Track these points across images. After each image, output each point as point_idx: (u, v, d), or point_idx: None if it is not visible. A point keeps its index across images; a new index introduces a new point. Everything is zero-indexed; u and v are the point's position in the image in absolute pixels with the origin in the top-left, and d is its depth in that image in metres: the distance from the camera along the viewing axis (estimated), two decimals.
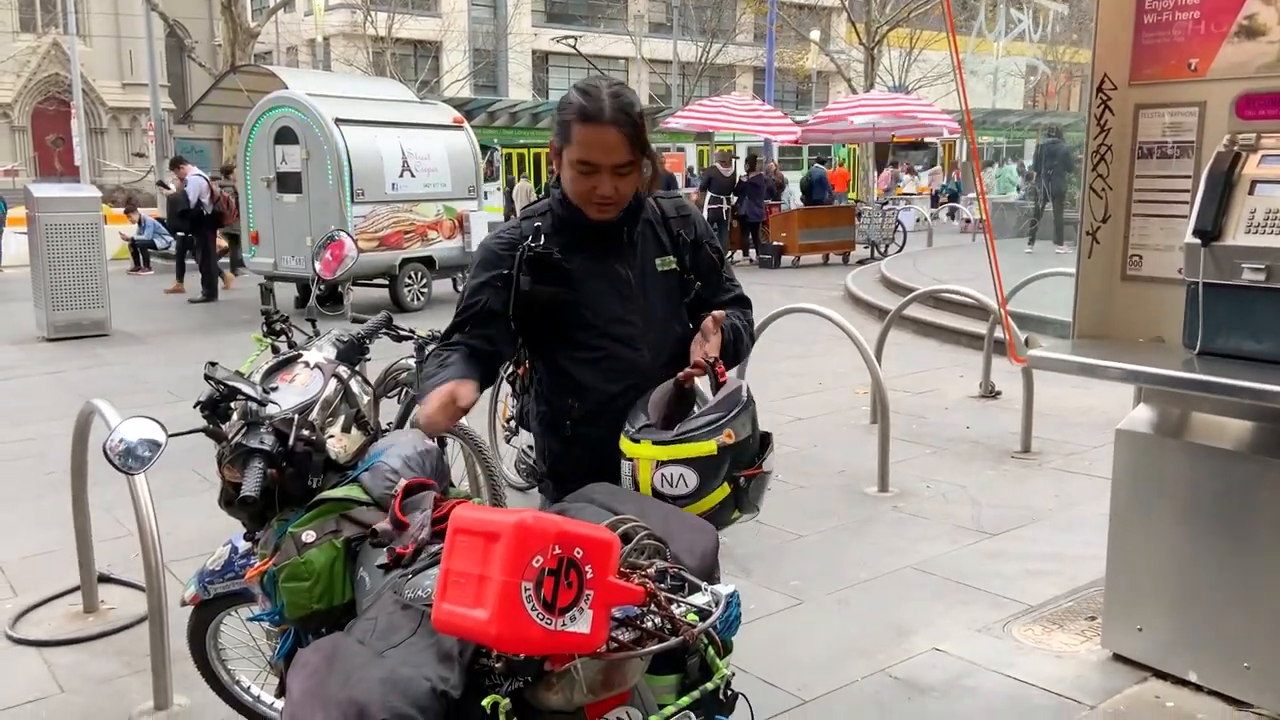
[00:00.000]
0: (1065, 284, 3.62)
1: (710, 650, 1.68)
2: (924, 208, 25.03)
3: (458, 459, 4.42)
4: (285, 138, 12.16)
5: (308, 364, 2.38)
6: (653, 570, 1.62)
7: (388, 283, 12.57)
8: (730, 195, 17.81)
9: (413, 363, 4.53)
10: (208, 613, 2.84)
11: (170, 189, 14.71)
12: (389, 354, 4.69)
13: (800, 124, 21.21)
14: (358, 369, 2.52)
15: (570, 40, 26.55)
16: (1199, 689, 3.17)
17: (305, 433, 2.19)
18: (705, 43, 38.19)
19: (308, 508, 2.15)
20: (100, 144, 37.76)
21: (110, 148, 38.49)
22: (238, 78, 15.58)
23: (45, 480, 5.56)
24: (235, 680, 3.04)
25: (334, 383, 2.33)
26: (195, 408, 2.26)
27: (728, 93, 28.13)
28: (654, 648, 1.54)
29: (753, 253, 17.96)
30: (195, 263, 14.00)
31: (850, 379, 7.76)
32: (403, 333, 3.91)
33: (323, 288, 3.11)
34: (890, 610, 3.91)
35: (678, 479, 2.04)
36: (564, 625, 1.42)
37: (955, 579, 4.18)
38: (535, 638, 1.41)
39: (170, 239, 16.68)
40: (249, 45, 18.53)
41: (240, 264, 15.05)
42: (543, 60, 42.55)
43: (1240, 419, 3.13)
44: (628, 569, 1.58)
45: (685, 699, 1.63)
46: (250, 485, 2.09)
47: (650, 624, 1.56)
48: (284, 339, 2.66)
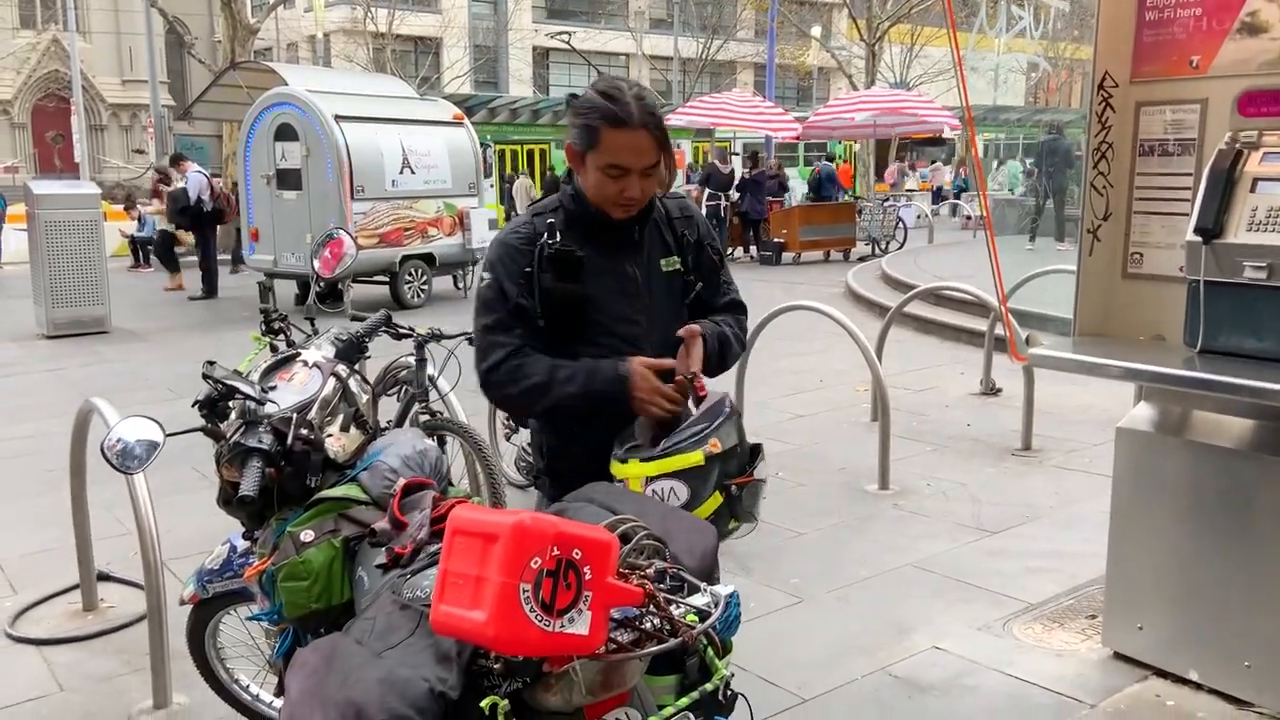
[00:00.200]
0: (1066, 281, 3.61)
1: (709, 651, 1.67)
2: (925, 204, 25.00)
3: (457, 457, 4.42)
4: (285, 134, 12.14)
5: (306, 363, 2.37)
6: (652, 571, 1.61)
7: (388, 280, 12.56)
8: (730, 192, 17.80)
9: (412, 361, 4.53)
10: (206, 611, 2.83)
11: (170, 186, 14.71)
12: (388, 352, 4.69)
13: (801, 120, 21.19)
14: (356, 367, 2.52)
15: (565, 36, 26.50)
16: (1200, 688, 3.17)
17: (304, 432, 2.19)
18: (706, 39, 38.14)
19: (306, 507, 2.15)
20: (100, 141, 37.73)
21: (110, 144, 38.47)
22: (238, 74, 15.53)
23: (45, 478, 5.55)
24: (234, 679, 3.04)
25: (333, 381, 2.33)
26: (193, 407, 2.26)
27: (729, 89, 28.11)
28: (653, 649, 1.53)
29: (754, 249, 17.95)
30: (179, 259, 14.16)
31: (851, 376, 7.75)
32: (402, 331, 3.91)
33: (322, 285, 3.10)
34: (890, 608, 3.90)
35: (668, 493, 2.04)
36: (562, 627, 1.42)
37: (955, 577, 4.18)
38: (533, 639, 1.40)
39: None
40: (249, 42, 18.47)
41: (240, 261, 15.12)
42: (543, 56, 42.53)
43: (1241, 417, 3.12)
44: (627, 569, 1.57)
45: (684, 700, 1.63)
46: (248, 484, 2.09)
47: (649, 625, 1.56)
48: (282, 337, 2.65)
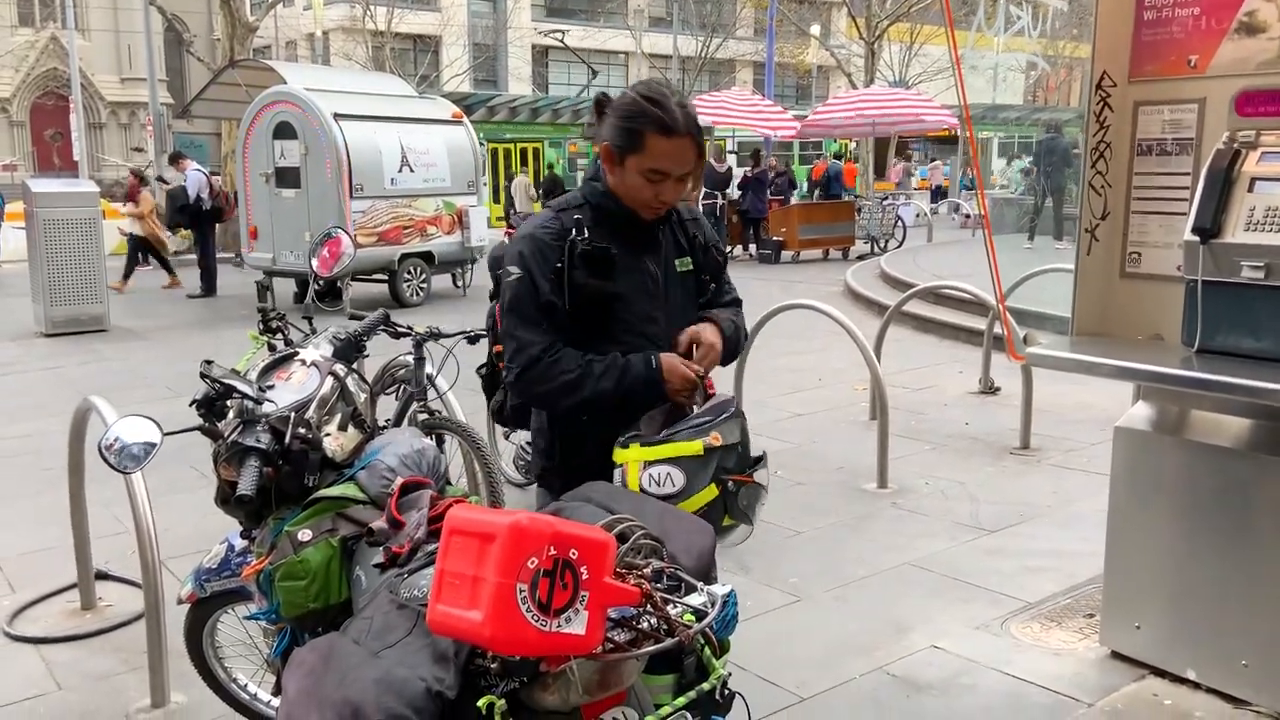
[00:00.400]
0: (1065, 280, 3.61)
1: (707, 650, 1.67)
2: (924, 203, 25.00)
3: (455, 456, 4.42)
4: (284, 133, 12.14)
5: (304, 362, 2.37)
6: (649, 570, 1.61)
7: (387, 278, 12.56)
8: (726, 190, 17.80)
9: (410, 359, 4.53)
10: (204, 610, 2.83)
11: (169, 183, 14.69)
12: (387, 351, 4.69)
13: (800, 119, 21.19)
14: (355, 366, 2.52)
15: (559, 34, 26.47)
16: (1197, 687, 3.17)
17: (301, 431, 2.19)
18: (705, 38, 38.11)
19: (304, 506, 2.16)
20: (99, 139, 37.67)
21: (109, 142, 38.41)
22: (236, 72, 15.52)
23: (43, 476, 5.55)
24: (232, 678, 3.04)
25: (330, 380, 2.33)
26: (191, 405, 2.26)
27: (728, 88, 28.09)
28: (650, 649, 1.53)
29: (753, 248, 17.94)
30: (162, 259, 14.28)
31: (849, 375, 7.75)
32: (400, 329, 3.91)
33: (320, 284, 3.10)
34: (889, 607, 3.91)
35: (664, 478, 2.09)
36: (559, 626, 1.42)
37: (954, 576, 4.18)
38: (530, 639, 1.40)
39: (168, 233, 16.64)
40: (247, 40, 18.42)
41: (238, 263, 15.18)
42: (542, 55, 42.47)
43: (1239, 416, 3.12)
44: (624, 569, 1.57)
45: (681, 699, 1.63)
46: (246, 483, 2.09)
47: (646, 624, 1.56)
48: (280, 336, 2.65)
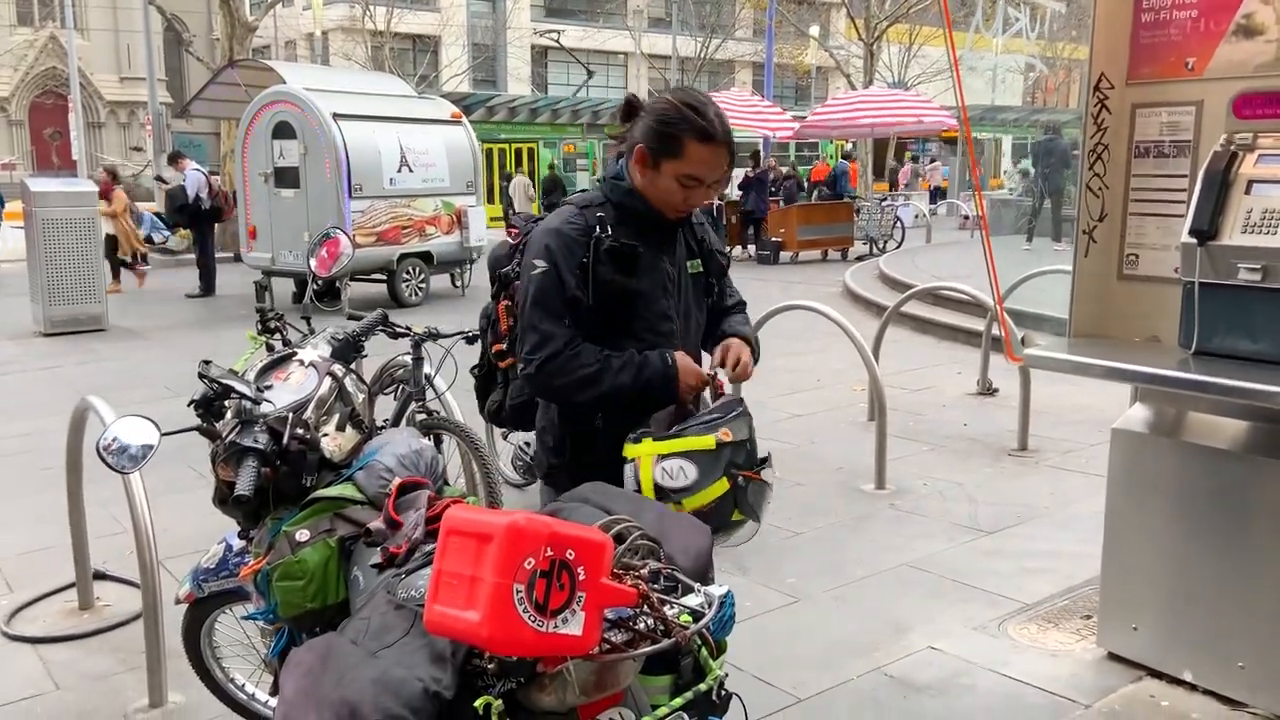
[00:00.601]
0: (1063, 281, 3.62)
1: (704, 651, 1.68)
2: (923, 204, 25.02)
3: (454, 456, 4.42)
4: (283, 132, 12.13)
5: (302, 362, 2.37)
6: (646, 571, 1.62)
7: (385, 278, 12.56)
8: (723, 190, 17.79)
9: (409, 360, 4.53)
10: (202, 610, 2.83)
11: (169, 183, 14.67)
12: (385, 351, 4.69)
13: (799, 120, 21.19)
14: (353, 367, 2.52)
15: (554, 34, 26.48)
16: (1194, 688, 3.18)
17: (299, 431, 2.19)
18: (704, 38, 38.11)
19: (302, 506, 2.16)
20: (98, 138, 37.67)
21: (108, 142, 38.40)
22: (236, 72, 15.52)
23: (41, 476, 5.54)
24: (230, 678, 3.03)
25: (329, 381, 2.33)
26: (189, 406, 2.26)
27: (727, 88, 28.08)
28: (646, 649, 1.53)
29: (752, 248, 17.94)
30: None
31: (848, 376, 7.76)
32: (399, 330, 3.91)
33: (319, 284, 3.11)
34: (887, 608, 3.91)
35: (678, 471, 2.12)
36: (556, 627, 1.42)
37: (952, 577, 4.19)
38: (527, 639, 1.41)
39: (167, 233, 16.64)
40: (247, 39, 18.40)
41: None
42: (542, 55, 42.45)
43: (1236, 419, 3.13)
44: (621, 570, 1.58)
45: (678, 700, 1.63)
46: (244, 484, 2.09)
47: (643, 625, 1.56)
48: (279, 336, 2.65)
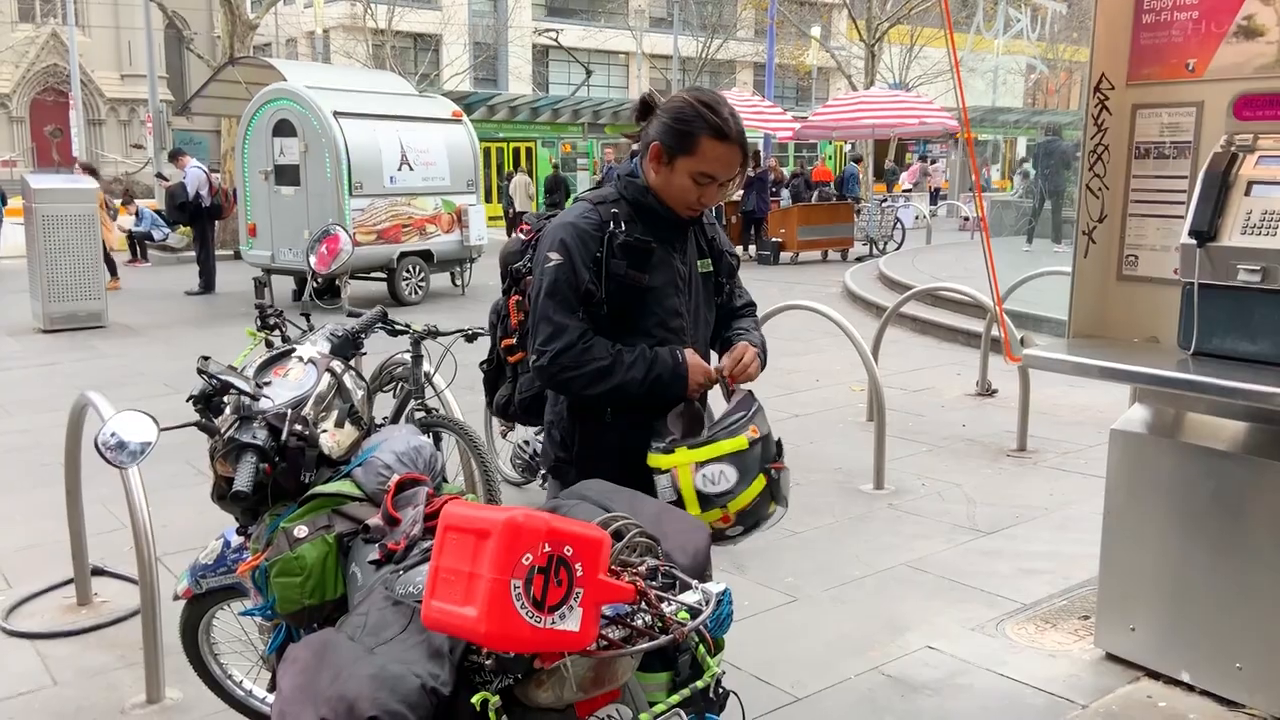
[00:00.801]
0: (1063, 282, 3.62)
1: (701, 648, 1.68)
2: (923, 205, 25.01)
3: (453, 454, 4.42)
4: (283, 130, 12.12)
5: (301, 358, 2.38)
6: (644, 568, 1.62)
7: (385, 276, 12.56)
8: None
9: (408, 357, 4.53)
10: (200, 607, 2.83)
11: (169, 180, 14.67)
12: (385, 348, 4.69)
13: (800, 120, 21.20)
14: (352, 364, 2.52)
15: (552, 34, 26.49)
16: (1191, 689, 3.18)
17: (298, 427, 2.19)
18: (706, 38, 38.12)
19: (300, 503, 2.16)
20: (98, 135, 37.70)
21: (108, 139, 38.43)
22: (236, 70, 15.51)
23: (40, 472, 5.55)
24: (227, 674, 3.03)
25: (327, 377, 2.33)
26: (188, 402, 2.26)
27: (728, 88, 28.10)
28: (644, 646, 1.54)
29: (752, 248, 17.94)
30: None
31: (847, 376, 7.76)
32: (398, 327, 3.91)
33: (319, 281, 3.11)
34: (885, 608, 3.91)
35: (719, 475, 2.14)
36: (553, 623, 1.42)
37: (950, 577, 4.19)
38: (525, 635, 1.41)
39: (167, 230, 16.63)
40: (248, 37, 18.41)
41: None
42: (543, 54, 42.46)
43: (1234, 420, 3.13)
44: (619, 567, 1.58)
45: (675, 697, 1.64)
46: (242, 480, 2.10)
47: (641, 622, 1.56)
48: (278, 333, 2.65)
